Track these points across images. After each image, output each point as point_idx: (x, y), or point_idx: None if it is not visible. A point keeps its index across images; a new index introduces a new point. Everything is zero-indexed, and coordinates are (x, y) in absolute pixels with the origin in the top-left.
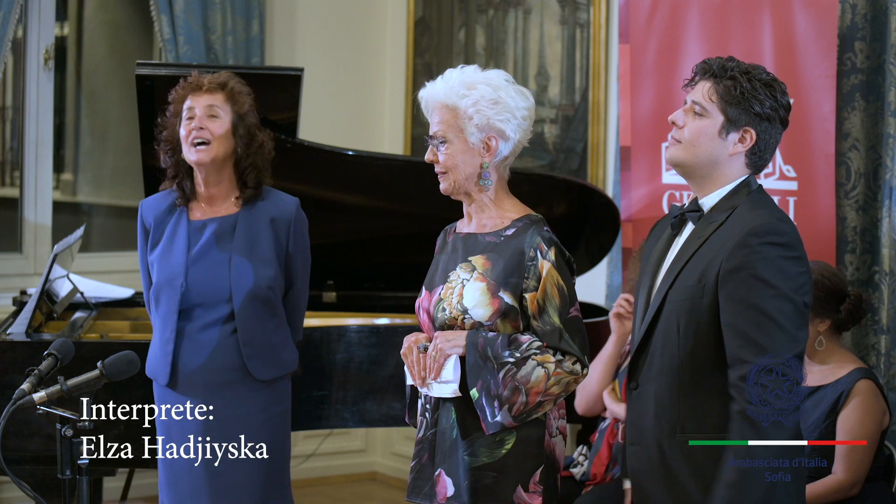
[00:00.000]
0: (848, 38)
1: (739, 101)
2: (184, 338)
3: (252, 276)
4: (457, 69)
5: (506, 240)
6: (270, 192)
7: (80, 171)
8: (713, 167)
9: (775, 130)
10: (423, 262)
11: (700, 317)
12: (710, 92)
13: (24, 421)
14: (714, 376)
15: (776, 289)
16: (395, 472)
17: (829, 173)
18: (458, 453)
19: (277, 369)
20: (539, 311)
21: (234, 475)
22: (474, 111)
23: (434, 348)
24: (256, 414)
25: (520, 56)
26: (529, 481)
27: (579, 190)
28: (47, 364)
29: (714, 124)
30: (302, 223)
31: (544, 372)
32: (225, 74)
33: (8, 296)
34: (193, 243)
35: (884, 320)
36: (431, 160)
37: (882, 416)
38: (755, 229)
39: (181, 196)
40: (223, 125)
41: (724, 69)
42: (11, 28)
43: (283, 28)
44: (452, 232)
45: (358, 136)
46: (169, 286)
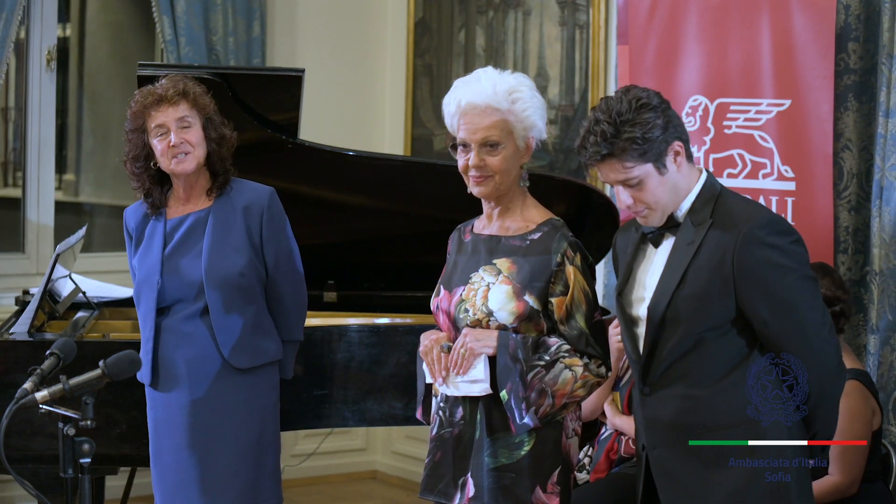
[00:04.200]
0: (842, 38)
1: (644, 144)
2: (164, 333)
3: (223, 264)
4: (488, 70)
5: (532, 244)
6: (243, 184)
7: (82, 171)
8: (677, 193)
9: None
10: (423, 261)
11: (714, 317)
12: (621, 167)
13: (27, 420)
14: (733, 370)
15: (796, 271)
16: (396, 471)
17: (827, 174)
18: (482, 454)
19: (256, 358)
20: (567, 316)
21: (220, 468)
22: (525, 115)
23: (463, 345)
24: (241, 405)
25: (519, 57)
26: (547, 482)
27: (579, 190)
28: (49, 363)
29: (653, 176)
30: (276, 211)
31: (572, 375)
32: (180, 81)
33: (10, 295)
34: (169, 240)
35: (873, 320)
36: (475, 164)
37: (872, 416)
38: (757, 223)
39: (151, 207)
40: (197, 132)
41: (608, 140)
42: (14, 29)
43: (284, 29)
44: (469, 232)
45: (358, 137)
46: (147, 284)
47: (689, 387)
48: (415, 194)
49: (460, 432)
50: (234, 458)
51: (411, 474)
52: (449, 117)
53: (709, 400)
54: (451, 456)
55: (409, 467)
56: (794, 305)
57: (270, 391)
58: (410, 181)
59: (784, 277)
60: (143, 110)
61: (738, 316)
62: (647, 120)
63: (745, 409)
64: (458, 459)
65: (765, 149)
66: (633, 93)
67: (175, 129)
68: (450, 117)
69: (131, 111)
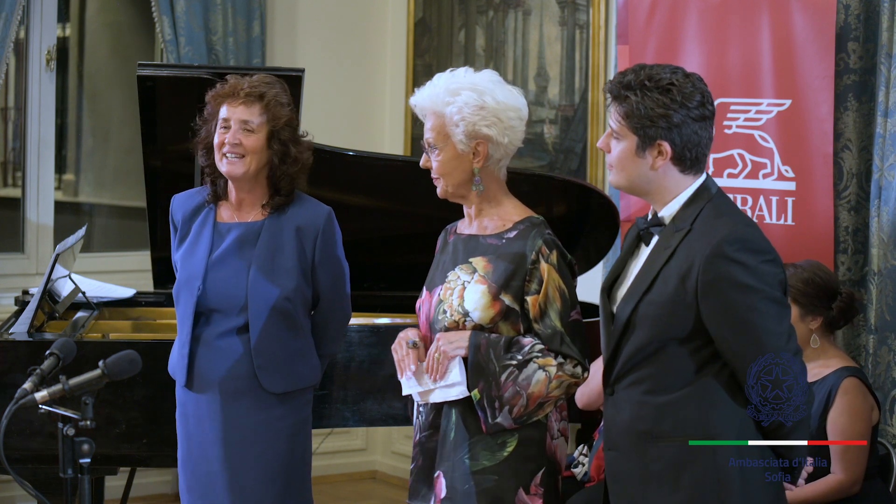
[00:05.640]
0: (841, 38)
1: (643, 118)
2: (200, 344)
3: (269, 287)
4: (446, 73)
5: (507, 242)
6: (303, 200)
7: (82, 171)
8: (648, 184)
9: (693, 129)
10: (423, 261)
11: (676, 326)
12: (617, 115)
13: (27, 420)
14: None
15: (760, 292)
16: (396, 472)
17: (827, 174)
18: (459, 455)
19: (291, 383)
20: (540, 314)
21: (250, 483)
22: (459, 118)
23: (437, 350)
24: (274, 422)
25: (519, 57)
26: (531, 484)
27: (579, 190)
28: (49, 363)
29: (630, 145)
30: (331, 233)
31: (545, 375)
32: (264, 83)
33: (10, 295)
34: (216, 246)
35: (872, 320)
36: (426, 166)
37: (870, 412)
38: (727, 237)
39: (212, 193)
40: (258, 140)
41: (624, 87)
42: (13, 29)
43: (284, 29)
44: (453, 232)
45: (358, 137)
46: (187, 287)
47: (645, 393)
48: (415, 194)
49: (443, 436)
50: (264, 474)
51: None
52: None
53: (663, 409)
54: (433, 459)
55: (409, 467)
56: (753, 326)
57: (303, 408)
58: (410, 181)
59: (746, 297)
60: (219, 99)
61: (699, 329)
62: (657, 100)
63: (696, 424)
64: (440, 458)
65: (765, 149)
66: (675, 75)
67: (236, 128)
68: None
69: (208, 97)
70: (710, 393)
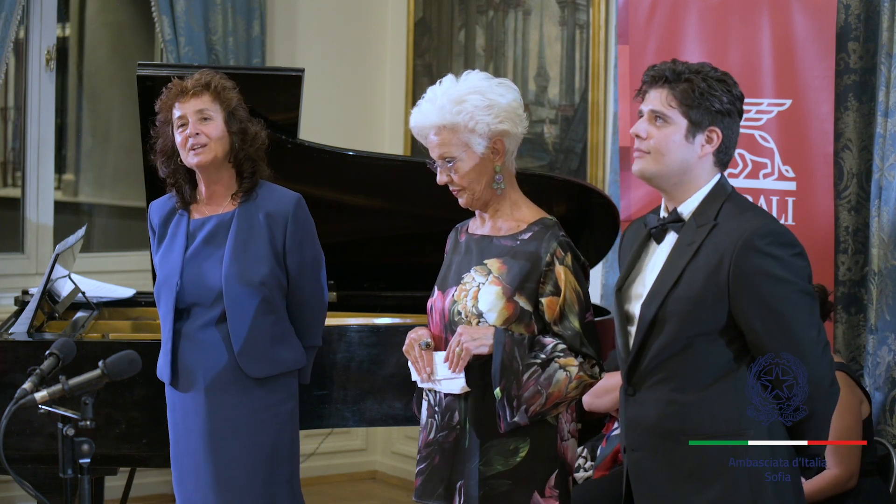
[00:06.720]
0: (842, 38)
1: (699, 102)
2: (182, 338)
3: (243, 273)
4: (435, 88)
5: (522, 244)
6: (271, 189)
7: (82, 171)
8: (684, 173)
9: (736, 125)
10: (423, 262)
11: (706, 322)
12: (667, 98)
13: (26, 420)
14: (720, 378)
15: (794, 285)
16: (396, 472)
17: (828, 174)
18: (474, 462)
19: (272, 367)
20: (560, 316)
21: (237, 474)
22: (474, 123)
23: (458, 344)
24: (258, 412)
25: (519, 57)
26: (545, 487)
27: (579, 190)
28: (49, 363)
29: (679, 130)
30: (302, 219)
31: (566, 375)
32: (207, 73)
33: (10, 295)
34: (190, 242)
35: (872, 320)
36: (446, 182)
37: (859, 405)
38: (758, 231)
39: (181, 201)
40: (217, 126)
41: (677, 73)
42: (13, 29)
43: (284, 29)
44: (465, 232)
45: (358, 137)
46: (166, 285)
47: (673, 391)
48: (415, 194)
49: (457, 437)
50: (250, 465)
51: (411, 474)
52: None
53: (693, 407)
54: (450, 460)
55: (409, 467)
56: (787, 318)
57: (287, 399)
58: (410, 181)
59: (780, 289)
60: (169, 102)
61: (730, 324)
62: (715, 92)
63: (727, 421)
64: (457, 463)
65: (765, 148)
66: (726, 73)
67: (193, 120)
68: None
69: (159, 105)
70: (740, 389)
